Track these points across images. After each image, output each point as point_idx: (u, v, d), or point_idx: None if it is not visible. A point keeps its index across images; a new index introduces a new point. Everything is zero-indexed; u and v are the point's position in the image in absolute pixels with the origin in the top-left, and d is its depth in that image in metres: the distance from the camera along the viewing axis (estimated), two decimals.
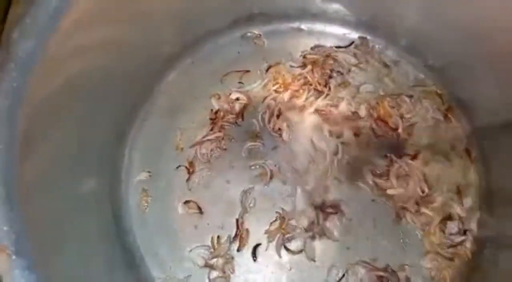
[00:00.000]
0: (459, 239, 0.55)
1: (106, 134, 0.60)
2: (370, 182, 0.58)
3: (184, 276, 0.56)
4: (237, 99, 0.63)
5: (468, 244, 0.55)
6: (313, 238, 0.56)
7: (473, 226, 0.56)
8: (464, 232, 0.55)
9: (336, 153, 0.59)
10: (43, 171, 0.44)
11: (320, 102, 0.62)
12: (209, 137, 0.61)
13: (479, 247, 0.55)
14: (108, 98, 0.57)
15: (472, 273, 0.54)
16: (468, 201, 0.57)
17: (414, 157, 0.58)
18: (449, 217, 0.56)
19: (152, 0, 0.53)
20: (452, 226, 0.55)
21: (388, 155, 0.58)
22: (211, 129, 0.62)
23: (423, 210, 0.56)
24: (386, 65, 0.64)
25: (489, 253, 0.54)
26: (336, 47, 0.65)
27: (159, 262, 0.57)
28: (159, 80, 0.65)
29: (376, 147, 0.59)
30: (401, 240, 0.56)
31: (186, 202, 0.59)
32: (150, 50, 0.62)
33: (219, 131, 0.61)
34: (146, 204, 0.59)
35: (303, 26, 0.67)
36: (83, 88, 0.51)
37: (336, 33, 0.66)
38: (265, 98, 0.63)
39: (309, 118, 0.61)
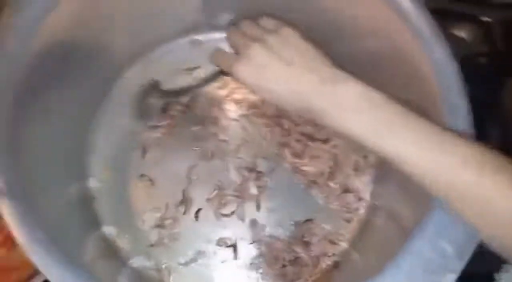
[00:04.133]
0: (355, 206, 0.71)
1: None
2: (290, 161, 0.72)
3: (137, 234, 0.69)
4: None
5: (362, 210, 0.71)
6: (243, 203, 0.70)
7: (367, 196, 0.72)
8: (359, 200, 0.71)
9: (265, 138, 0.74)
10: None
11: (255, 98, 0.77)
12: (160, 124, 0.74)
13: (371, 213, 0.71)
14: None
15: (365, 232, 0.70)
16: (366, 178, 0.73)
17: (324, 142, 0.74)
18: (348, 189, 0.72)
19: (114, 6, 0.65)
20: (350, 196, 0.71)
21: (304, 140, 0.73)
22: (163, 118, 0.75)
23: (329, 183, 0.71)
24: None
25: (378, 218, 0.69)
26: None
27: (115, 222, 0.69)
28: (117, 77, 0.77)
29: (295, 134, 0.74)
30: (310, 206, 0.71)
31: (141, 176, 0.72)
32: (109, 50, 0.73)
33: (170, 119, 0.75)
34: (106, 175, 0.72)
35: None
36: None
37: None
38: (208, 93, 0.77)
39: (244, 111, 0.76)
